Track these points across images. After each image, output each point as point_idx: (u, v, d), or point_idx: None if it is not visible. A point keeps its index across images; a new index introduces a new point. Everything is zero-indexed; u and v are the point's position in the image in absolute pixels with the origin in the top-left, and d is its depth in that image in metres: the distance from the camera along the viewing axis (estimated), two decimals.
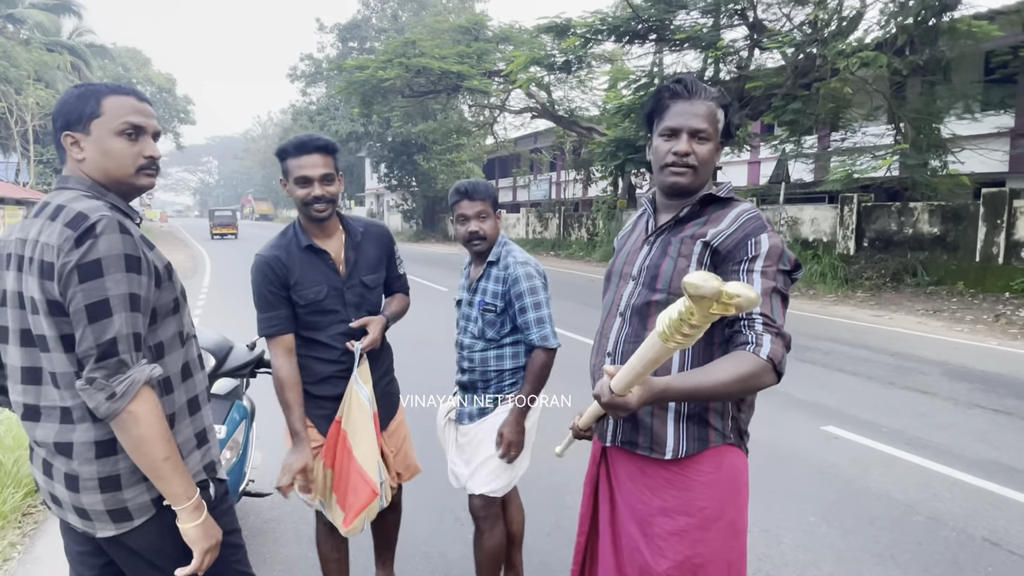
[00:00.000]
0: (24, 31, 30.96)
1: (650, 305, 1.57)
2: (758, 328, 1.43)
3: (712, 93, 1.57)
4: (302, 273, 2.10)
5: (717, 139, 1.59)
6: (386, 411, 2.31)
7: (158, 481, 1.37)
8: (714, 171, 1.61)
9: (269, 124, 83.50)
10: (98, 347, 1.30)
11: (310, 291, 2.09)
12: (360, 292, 2.18)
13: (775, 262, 1.48)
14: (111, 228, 1.33)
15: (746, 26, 14.66)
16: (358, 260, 2.19)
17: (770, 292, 1.46)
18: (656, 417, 1.56)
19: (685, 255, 1.53)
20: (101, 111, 1.43)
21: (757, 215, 1.55)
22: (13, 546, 3.17)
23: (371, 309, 2.23)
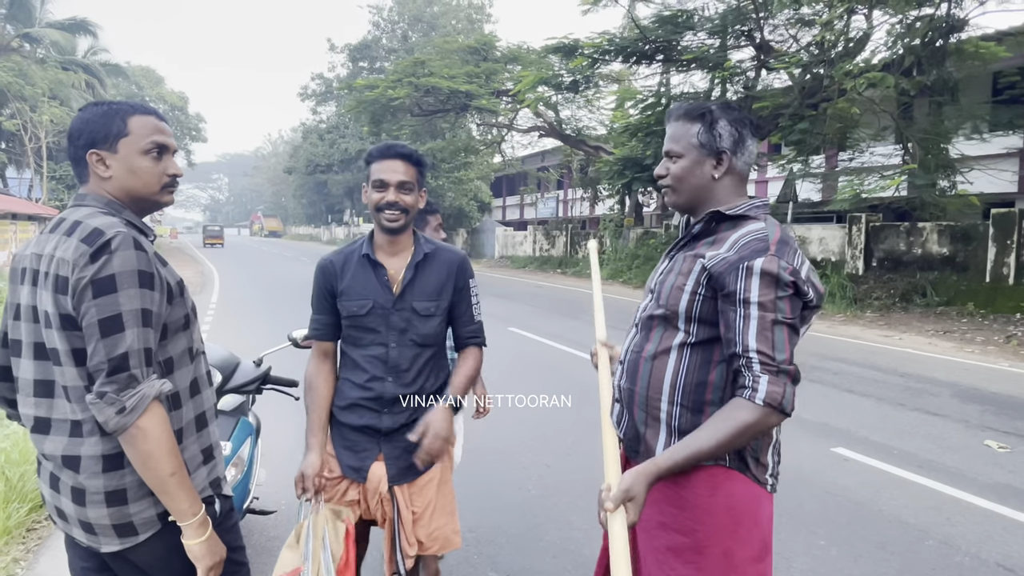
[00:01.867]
0: (40, 50, 31.49)
1: (652, 318, 1.59)
2: (755, 369, 1.38)
3: (681, 112, 1.58)
4: (351, 283, 1.97)
5: (696, 153, 1.56)
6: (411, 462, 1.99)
7: (164, 496, 1.37)
8: (736, 186, 1.57)
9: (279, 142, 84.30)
10: (109, 361, 1.31)
11: (354, 303, 1.96)
12: (408, 318, 1.96)
13: (772, 289, 1.40)
14: (126, 244, 1.35)
15: (753, 47, 14.76)
16: (414, 282, 1.98)
17: (770, 326, 1.39)
18: (649, 428, 1.57)
19: (684, 272, 1.53)
20: (128, 130, 1.46)
21: (762, 237, 1.47)
22: (17, 562, 3.15)
23: (417, 339, 1.98)
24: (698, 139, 1.56)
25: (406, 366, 1.98)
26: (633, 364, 1.61)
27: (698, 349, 1.52)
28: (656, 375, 1.55)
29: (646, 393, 1.57)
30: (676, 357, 1.53)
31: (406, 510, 2.00)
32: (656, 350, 1.56)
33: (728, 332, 1.44)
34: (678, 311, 1.52)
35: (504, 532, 3.42)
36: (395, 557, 2.01)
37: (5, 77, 25.69)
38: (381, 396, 1.96)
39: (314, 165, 40.46)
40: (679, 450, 1.39)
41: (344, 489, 2.02)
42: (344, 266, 2.01)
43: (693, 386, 1.51)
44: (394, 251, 2.01)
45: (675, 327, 1.54)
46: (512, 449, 4.67)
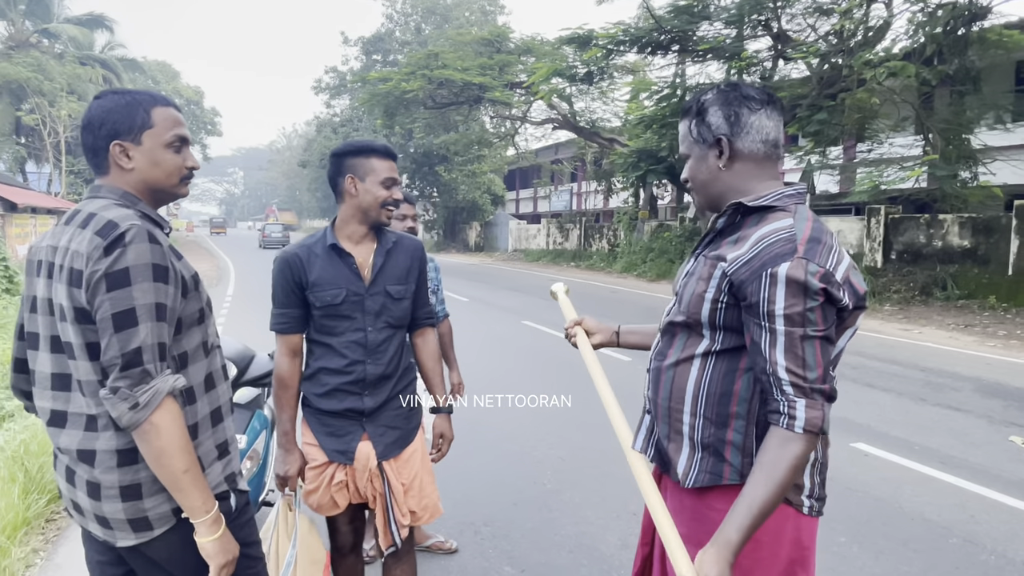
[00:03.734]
0: (58, 45, 31.78)
1: (675, 325, 1.48)
2: (788, 392, 1.25)
3: (680, 111, 1.53)
4: (321, 274, 2.01)
5: (699, 147, 1.46)
6: (401, 437, 2.12)
7: (177, 493, 1.35)
8: (749, 177, 1.42)
9: (294, 135, 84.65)
10: (123, 356, 1.29)
11: (327, 293, 2.00)
12: (382, 302, 2.05)
13: (800, 299, 1.25)
14: (140, 237, 1.33)
15: (770, 36, 14.56)
16: (385, 267, 2.07)
17: (799, 342, 1.25)
18: (672, 441, 1.47)
19: (704, 278, 1.39)
20: (152, 122, 1.45)
21: (788, 236, 1.29)
22: (36, 552, 3.18)
23: (392, 321, 2.08)
24: (693, 133, 1.47)
25: (383, 347, 2.07)
26: (656, 373, 1.52)
27: (723, 357, 1.40)
28: (678, 384, 1.45)
29: (668, 404, 1.47)
30: (699, 365, 1.42)
31: (396, 482, 2.09)
32: (678, 358, 1.46)
33: (754, 348, 1.32)
34: (700, 319, 1.40)
35: (519, 526, 3.40)
36: (390, 530, 2.10)
37: (24, 72, 25.98)
38: (363, 378, 2.03)
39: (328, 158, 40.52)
40: (743, 515, 1.23)
41: (331, 475, 2.08)
42: (309, 258, 2.03)
43: (717, 396, 1.40)
44: (361, 241, 2.08)
45: (699, 334, 1.43)
46: (526, 443, 4.65)
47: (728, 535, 1.23)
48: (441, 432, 2.27)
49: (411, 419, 2.16)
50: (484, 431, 4.80)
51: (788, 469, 1.23)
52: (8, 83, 26.43)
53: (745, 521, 1.23)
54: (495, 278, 18.81)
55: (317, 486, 2.08)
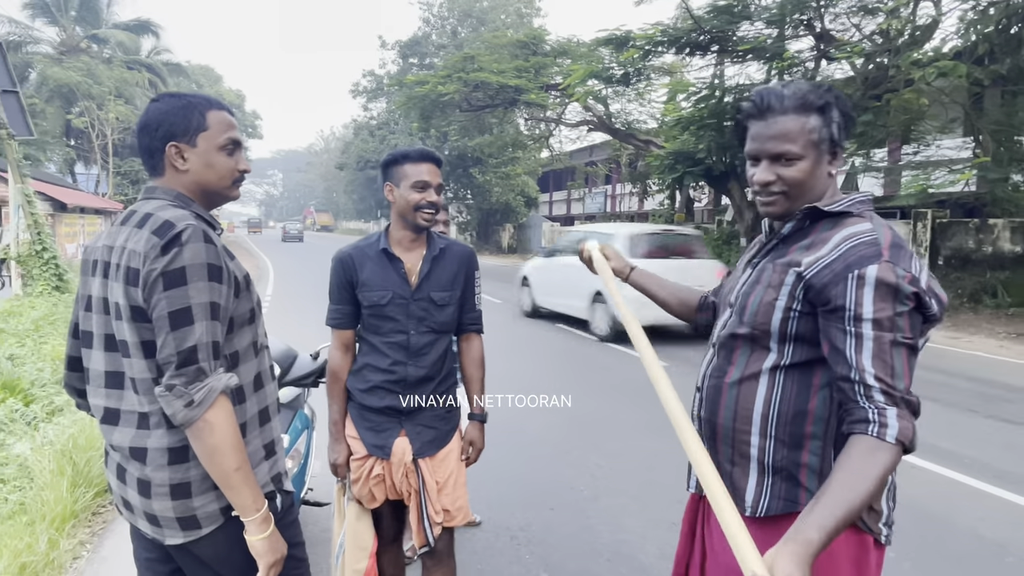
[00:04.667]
0: (107, 50, 32.80)
1: (736, 338, 1.38)
2: (878, 400, 1.16)
3: (792, 101, 1.30)
4: (370, 275, 2.11)
5: (818, 151, 1.31)
6: (438, 437, 2.18)
7: (228, 491, 1.36)
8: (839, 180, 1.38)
9: (331, 138, 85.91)
10: (178, 354, 1.31)
11: (374, 294, 2.10)
12: (425, 307, 2.12)
13: (890, 303, 1.18)
14: (196, 237, 1.35)
15: (812, 36, 14.24)
16: (431, 274, 2.14)
17: (888, 348, 1.17)
18: (737, 466, 1.36)
19: (775, 285, 1.31)
20: (207, 124, 1.47)
21: (871, 240, 1.23)
22: (83, 544, 3.26)
23: (435, 326, 2.14)
24: (819, 135, 1.31)
25: (425, 351, 2.13)
26: (714, 391, 1.41)
27: (794, 372, 1.31)
28: (744, 404, 1.35)
29: (732, 425, 1.36)
30: (767, 382, 1.33)
31: (431, 479, 2.14)
32: (742, 375, 1.36)
33: (836, 355, 1.22)
34: (769, 330, 1.31)
35: (555, 532, 3.36)
36: (423, 527, 2.13)
37: (75, 77, 26.86)
38: (404, 379, 2.11)
39: (364, 161, 41.01)
40: (827, 515, 1.09)
41: (370, 467, 2.15)
42: (361, 259, 2.13)
43: (790, 416, 1.30)
44: (411, 247, 2.16)
45: (765, 347, 1.33)
46: (560, 447, 4.61)
47: (808, 535, 1.07)
48: (472, 439, 2.28)
49: (449, 420, 2.22)
50: (517, 434, 4.77)
51: (876, 479, 1.12)
52: (59, 87, 27.36)
53: (828, 522, 1.08)
54: None
55: (358, 477, 2.16)
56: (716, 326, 1.49)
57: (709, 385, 1.43)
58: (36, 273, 9.24)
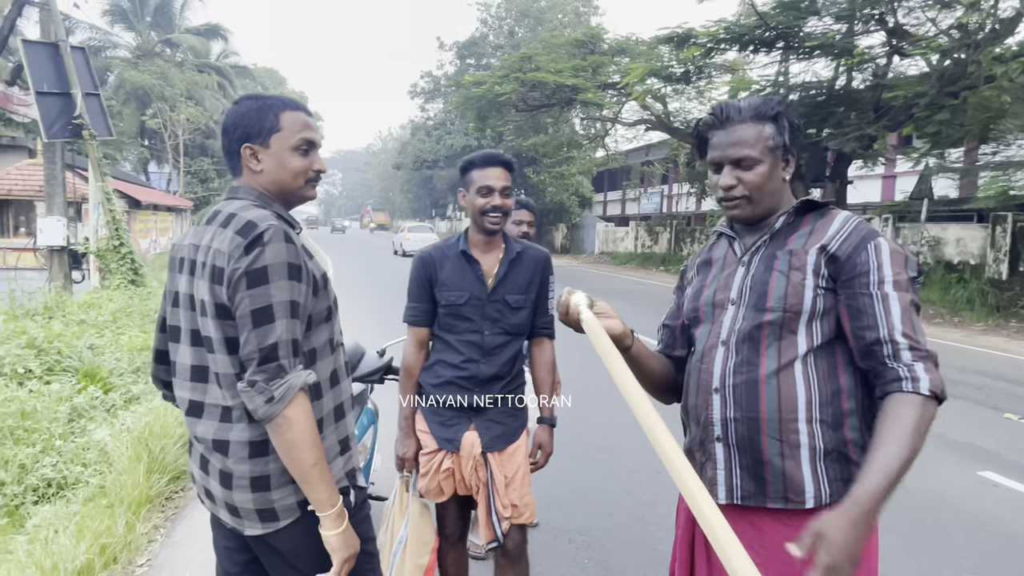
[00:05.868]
0: (179, 54, 34.24)
1: (761, 327, 1.38)
2: (906, 357, 1.26)
3: (749, 112, 1.41)
4: (449, 275, 2.17)
5: (773, 156, 1.41)
6: (507, 433, 2.22)
7: (305, 486, 1.39)
8: (793, 184, 1.45)
9: (389, 139, 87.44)
10: (260, 351, 1.34)
11: (452, 294, 2.16)
12: (500, 309, 2.18)
13: (903, 268, 1.32)
14: (278, 237, 1.38)
15: (884, 31, 13.67)
16: (507, 277, 2.19)
17: (908, 307, 1.30)
18: (788, 458, 1.34)
19: (798, 267, 1.37)
20: (280, 125, 1.49)
21: (866, 222, 1.40)
22: (157, 528, 3.40)
23: (508, 328, 2.19)
24: (773, 141, 1.41)
25: (498, 351, 2.19)
26: (747, 388, 1.38)
27: (823, 353, 1.36)
28: (787, 393, 1.35)
29: (778, 417, 1.35)
30: (802, 368, 1.35)
31: (499, 474, 2.18)
32: (778, 364, 1.36)
33: (862, 319, 1.31)
34: (801, 309, 1.35)
35: (615, 538, 3.32)
36: (491, 521, 2.17)
37: (149, 79, 28.13)
38: (475, 376, 2.17)
39: (421, 161, 41.58)
40: (877, 479, 1.15)
41: (440, 461, 2.20)
42: (441, 260, 2.20)
43: (829, 396, 1.34)
44: (488, 249, 2.22)
45: (792, 332, 1.36)
46: (616, 452, 4.55)
47: (857, 495, 1.15)
48: (540, 443, 2.31)
49: (518, 417, 2.26)
50: (574, 437, 4.74)
51: (919, 432, 1.20)
52: (135, 90, 28.70)
53: (880, 484, 1.15)
54: (582, 281, 18.65)
55: (427, 471, 2.21)
56: (721, 326, 1.45)
57: (737, 383, 1.39)
58: (113, 267, 9.71)
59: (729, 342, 1.42)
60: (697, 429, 1.47)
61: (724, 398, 1.40)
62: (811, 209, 1.45)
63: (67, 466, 3.69)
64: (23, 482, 3.53)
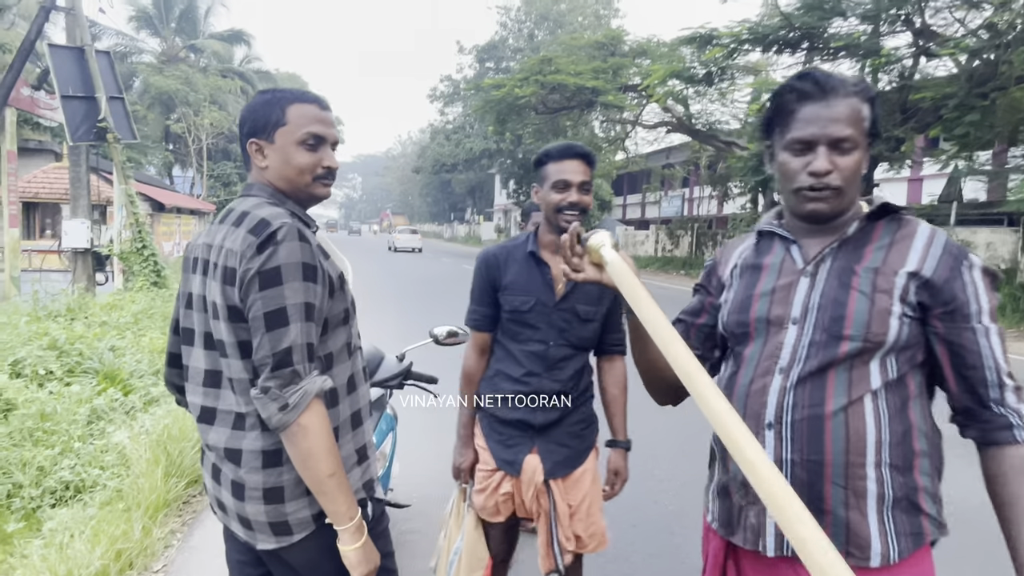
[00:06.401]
0: (203, 59, 34.71)
1: (834, 357, 1.18)
2: (1012, 400, 1.15)
3: (852, 85, 1.20)
4: (515, 278, 2.00)
5: (866, 144, 1.22)
6: (572, 456, 2.03)
7: (322, 497, 1.32)
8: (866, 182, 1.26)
9: (408, 143, 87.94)
10: (274, 356, 1.28)
11: (517, 298, 1.98)
12: (568, 319, 1.97)
13: (994, 291, 1.20)
14: (291, 236, 1.31)
15: (911, 32, 13.42)
16: (579, 285, 1.94)
17: (1001, 338, 1.18)
18: (853, 508, 1.18)
19: (884, 289, 1.18)
20: (286, 119, 1.42)
21: (943, 234, 1.23)
22: (173, 533, 3.36)
23: (575, 341, 1.99)
24: (870, 126, 1.22)
25: (562, 365, 2.00)
26: (811, 426, 1.19)
27: (895, 387, 1.19)
28: (855, 433, 1.17)
29: (844, 460, 1.17)
30: (872, 405, 1.18)
31: (562, 503, 2.00)
32: (847, 401, 1.18)
33: (966, 357, 1.16)
34: (885, 340, 1.16)
35: (640, 550, 3.22)
36: (552, 552, 2.01)
37: (174, 84, 28.52)
38: (537, 391, 1.99)
39: (440, 165, 41.74)
40: None
41: (498, 482, 2.04)
42: (507, 260, 2.02)
43: (900, 436, 1.18)
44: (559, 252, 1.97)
45: (865, 364, 1.18)
46: (645, 459, 4.44)
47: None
48: (616, 469, 2.12)
49: (584, 439, 2.07)
50: None
51: None
52: (160, 95, 29.13)
53: None
54: None
55: (484, 488, 2.07)
56: (780, 348, 1.24)
57: (798, 419, 1.20)
58: (136, 269, 9.79)
59: (790, 371, 1.22)
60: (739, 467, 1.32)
61: (780, 436, 1.20)
62: (884, 213, 1.25)
63: (85, 469, 3.67)
64: (41, 484, 3.52)
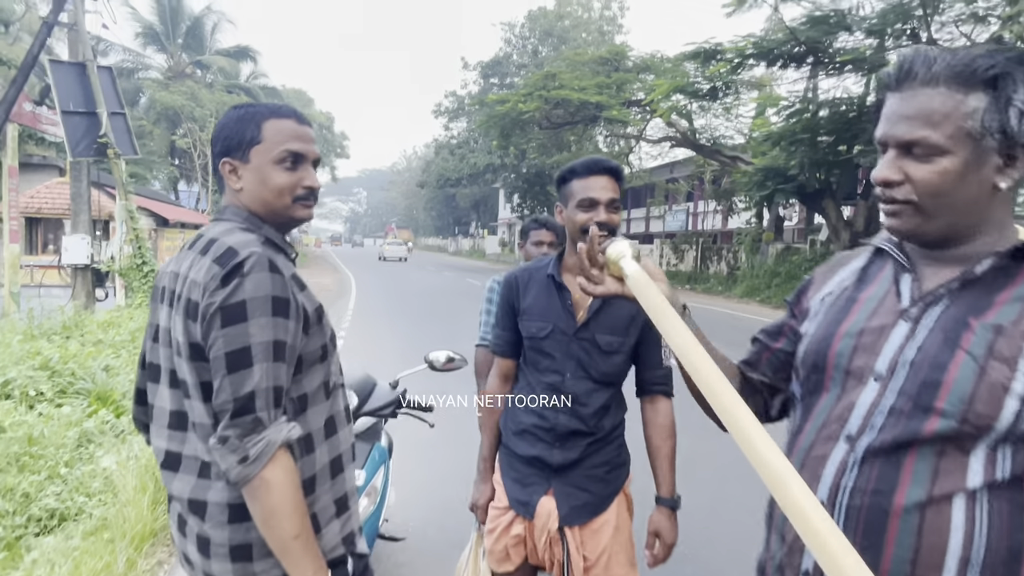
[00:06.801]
0: (209, 75, 34.95)
1: (917, 434, 0.92)
2: None
3: (945, 70, 0.91)
4: (533, 302, 1.85)
5: (975, 147, 0.91)
6: (593, 503, 1.82)
7: (285, 559, 1.18)
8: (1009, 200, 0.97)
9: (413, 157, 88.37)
10: (235, 401, 1.16)
11: (534, 324, 1.83)
12: (588, 349, 1.79)
13: None
14: (260, 266, 1.19)
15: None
16: (602, 312, 1.78)
17: None
18: None
19: (1005, 358, 0.89)
20: (261, 136, 1.30)
21: None
22: (160, 564, 3.22)
23: (595, 375, 1.80)
24: (981, 123, 0.90)
25: (583, 400, 1.81)
26: (870, 517, 0.94)
27: (1005, 490, 0.90)
28: (931, 542, 0.90)
29: (909, 571, 0.91)
30: (966, 507, 0.90)
31: (577, 555, 1.80)
32: (926, 496, 0.91)
33: None
34: (993, 425, 0.88)
35: None
36: None
37: (180, 100, 28.68)
38: (555, 427, 1.81)
39: (444, 179, 41.82)
40: None
41: (509, 521, 1.87)
42: (528, 283, 1.89)
43: (1002, 556, 0.89)
44: None
45: (963, 452, 0.90)
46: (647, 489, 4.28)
47: None
48: (657, 529, 1.83)
49: (609, 484, 1.86)
50: None
51: None
52: (166, 110, 29.30)
53: None
54: None
55: (494, 528, 1.90)
56: (851, 408, 0.99)
57: (855, 505, 0.94)
58: (136, 285, 9.72)
59: (857, 441, 0.96)
60: (779, 546, 1.07)
61: (837, 516, 0.97)
62: None
63: (71, 496, 3.54)
64: (26, 512, 3.38)
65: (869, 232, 15.38)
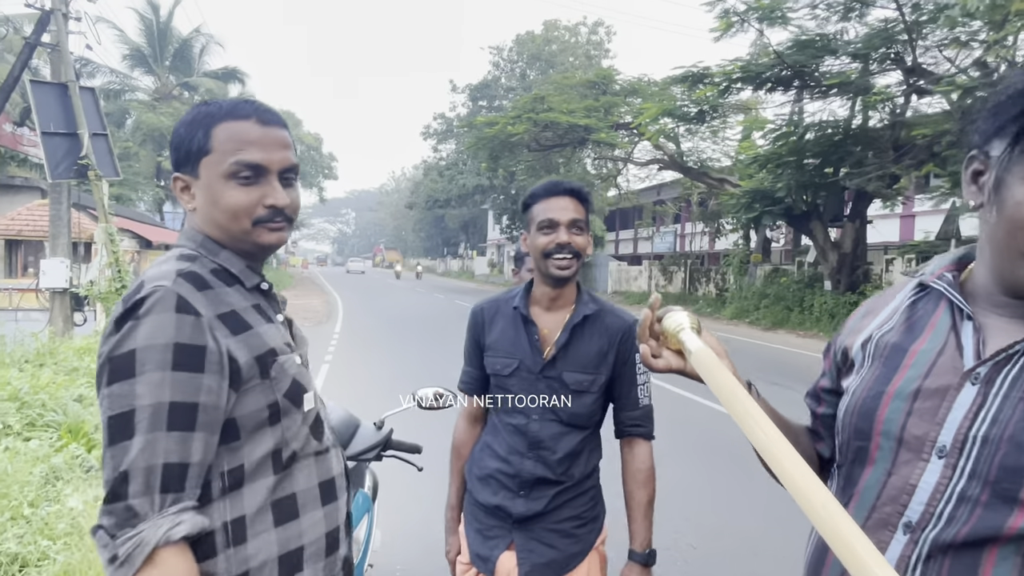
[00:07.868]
0: (197, 97, 34.80)
1: (1000, 538, 0.76)
2: None
3: None
4: (499, 338, 1.71)
5: None
6: (557, 561, 1.65)
7: None
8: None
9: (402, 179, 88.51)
10: (111, 482, 0.92)
11: (498, 361, 1.69)
12: (555, 388, 1.64)
13: None
14: (162, 306, 0.95)
15: (901, 71, 13.51)
16: (570, 347, 1.64)
17: None
18: None
19: None
20: (211, 145, 1.05)
21: None
22: None
23: (564, 417, 1.64)
24: None
25: (549, 445, 1.64)
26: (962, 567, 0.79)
27: None
28: None
29: None
30: None
31: None
32: None
33: None
34: None
35: None
36: None
37: (166, 122, 28.49)
38: (519, 474, 1.65)
39: (433, 200, 41.83)
40: None
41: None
42: (494, 316, 1.75)
43: None
44: (553, 306, 1.70)
45: None
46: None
47: None
48: None
49: (577, 541, 1.68)
50: None
51: None
52: (152, 132, 29.09)
53: None
54: None
55: None
56: (909, 493, 0.82)
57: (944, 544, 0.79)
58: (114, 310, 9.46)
59: (922, 533, 0.80)
60: None
61: None
62: None
63: (34, 538, 3.31)
64: None
65: (856, 254, 15.41)
